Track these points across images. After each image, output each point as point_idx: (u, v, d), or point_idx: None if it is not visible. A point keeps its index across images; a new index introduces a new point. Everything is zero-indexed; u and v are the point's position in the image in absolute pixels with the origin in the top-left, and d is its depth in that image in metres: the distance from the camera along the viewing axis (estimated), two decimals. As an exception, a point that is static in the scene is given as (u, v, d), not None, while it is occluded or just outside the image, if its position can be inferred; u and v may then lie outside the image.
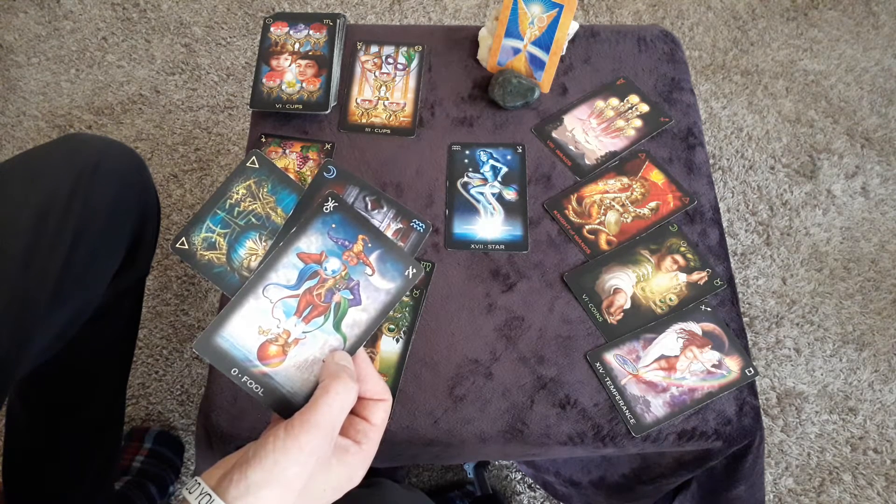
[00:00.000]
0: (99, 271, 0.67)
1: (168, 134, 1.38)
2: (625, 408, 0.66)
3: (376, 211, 0.51)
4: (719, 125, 1.43)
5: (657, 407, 0.66)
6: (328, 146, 0.80)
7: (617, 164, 0.79)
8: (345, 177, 0.51)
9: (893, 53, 1.53)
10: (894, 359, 1.20)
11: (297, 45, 0.84)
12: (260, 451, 0.39)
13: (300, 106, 0.80)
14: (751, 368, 0.67)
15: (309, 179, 0.77)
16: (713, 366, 0.67)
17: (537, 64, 0.82)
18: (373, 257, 0.48)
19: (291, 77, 0.82)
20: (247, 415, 0.65)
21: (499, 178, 0.78)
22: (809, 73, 1.50)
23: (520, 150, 0.80)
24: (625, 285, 0.72)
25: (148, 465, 1.02)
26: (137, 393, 1.14)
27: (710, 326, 0.69)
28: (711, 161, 1.38)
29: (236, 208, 0.50)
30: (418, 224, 0.51)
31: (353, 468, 0.43)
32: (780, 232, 1.31)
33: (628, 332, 0.69)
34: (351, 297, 0.48)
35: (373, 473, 0.61)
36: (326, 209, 0.48)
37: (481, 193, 0.77)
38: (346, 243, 0.48)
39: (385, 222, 0.51)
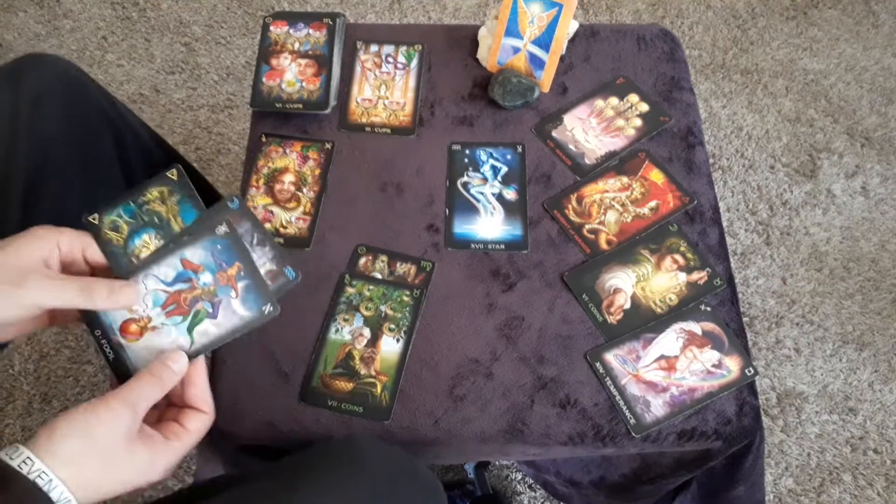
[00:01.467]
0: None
1: (168, 133, 1.38)
2: (625, 408, 0.66)
3: (258, 248, 0.58)
4: (719, 125, 1.43)
5: (657, 407, 0.66)
6: (328, 145, 0.80)
7: (617, 163, 0.79)
8: (244, 211, 0.58)
9: (893, 52, 1.53)
10: (894, 359, 1.20)
11: (296, 45, 0.84)
12: (71, 411, 0.45)
13: (300, 105, 0.80)
14: (751, 368, 0.67)
15: (309, 179, 0.77)
16: (713, 366, 0.67)
17: (537, 63, 0.82)
18: (241, 285, 0.56)
19: (291, 76, 0.82)
20: (247, 416, 0.65)
21: (499, 178, 0.78)
22: (809, 72, 1.50)
23: (520, 150, 0.80)
24: (625, 285, 0.72)
25: None
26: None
27: (710, 326, 0.69)
28: (711, 160, 1.38)
29: (146, 206, 0.57)
30: (290, 271, 0.58)
31: (156, 456, 0.48)
32: (780, 231, 1.31)
33: (628, 332, 0.69)
34: (211, 310, 0.55)
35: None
36: (219, 231, 0.56)
37: (481, 193, 0.77)
38: (224, 265, 0.56)
39: (262, 260, 0.58)
